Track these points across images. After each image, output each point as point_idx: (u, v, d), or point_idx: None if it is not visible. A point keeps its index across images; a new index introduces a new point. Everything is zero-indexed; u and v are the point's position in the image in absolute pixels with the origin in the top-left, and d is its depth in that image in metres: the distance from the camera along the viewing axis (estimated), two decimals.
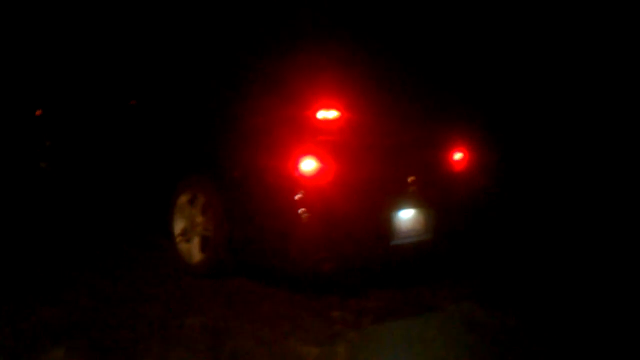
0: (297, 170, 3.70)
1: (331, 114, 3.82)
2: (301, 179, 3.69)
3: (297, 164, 3.70)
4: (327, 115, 3.81)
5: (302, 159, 3.70)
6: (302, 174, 3.69)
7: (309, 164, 3.70)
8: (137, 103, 5.21)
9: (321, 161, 3.71)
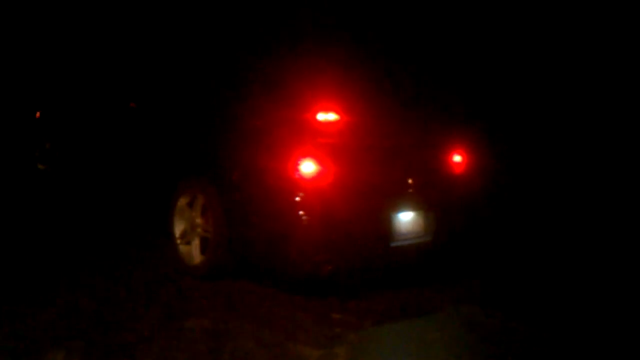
0: (297, 172, 3.70)
1: (331, 117, 3.83)
2: (301, 181, 3.70)
3: (297, 166, 3.70)
4: (327, 117, 3.82)
5: (301, 161, 3.70)
6: (302, 176, 3.70)
7: (308, 166, 3.70)
8: (136, 105, 5.22)
9: (320, 163, 3.72)
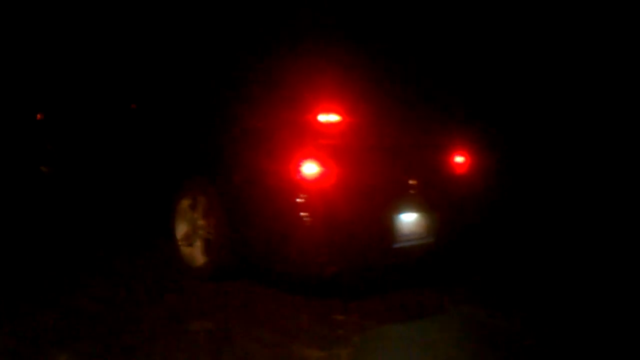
0: (299, 173, 3.70)
1: (332, 118, 3.82)
2: (303, 182, 3.69)
3: (299, 168, 3.70)
4: (329, 118, 3.81)
5: (303, 162, 3.70)
6: (304, 177, 3.69)
7: (310, 167, 3.70)
8: (137, 107, 5.22)
9: (323, 165, 3.72)
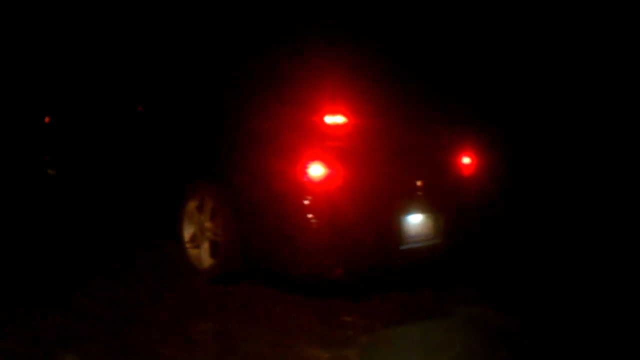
0: (305, 175, 3.70)
1: (339, 119, 3.83)
2: (309, 184, 3.70)
3: (305, 169, 3.70)
4: (335, 120, 3.82)
5: (310, 164, 3.71)
6: (310, 179, 3.70)
7: (317, 169, 3.71)
8: (144, 109, 5.24)
9: (329, 166, 3.72)
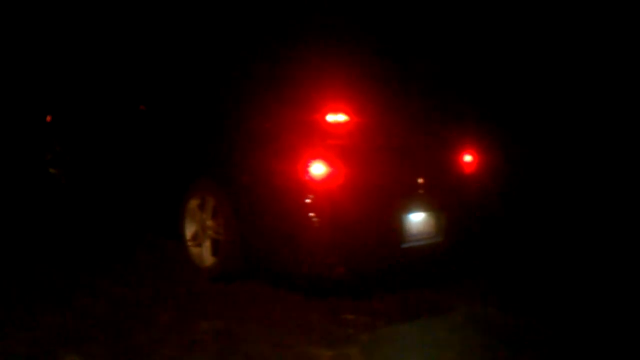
0: (307, 174, 3.70)
1: (340, 118, 3.82)
2: (311, 182, 3.70)
3: (307, 168, 3.70)
4: (337, 118, 3.82)
5: (311, 162, 3.70)
6: (312, 177, 3.70)
7: (318, 167, 3.70)
8: (146, 108, 5.24)
9: (331, 165, 3.72)
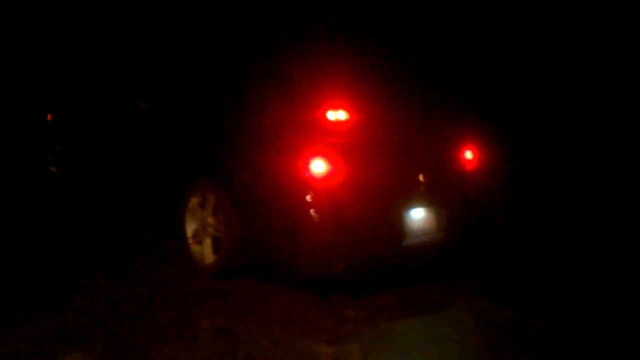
0: (307, 171, 3.70)
1: (340, 115, 3.83)
2: (311, 180, 3.70)
3: (307, 166, 3.70)
4: (337, 116, 3.82)
5: (311, 160, 3.70)
6: (312, 175, 3.70)
7: (318, 165, 3.70)
8: (146, 106, 5.24)
9: (331, 162, 3.72)
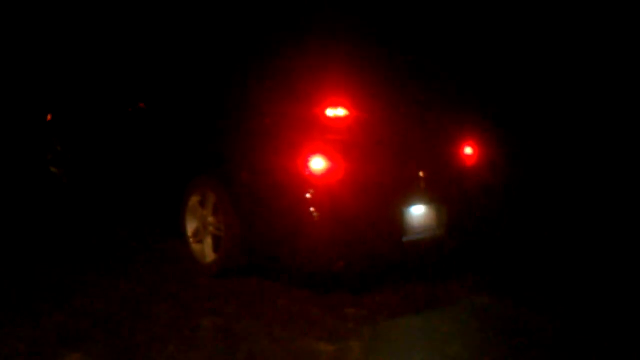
0: (307, 168, 3.70)
1: (340, 112, 3.81)
2: (311, 177, 3.69)
3: (307, 163, 3.70)
4: (336, 113, 3.80)
5: (311, 157, 3.70)
6: (312, 172, 3.69)
7: (318, 162, 3.70)
8: (146, 105, 5.24)
9: (330, 159, 3.71)
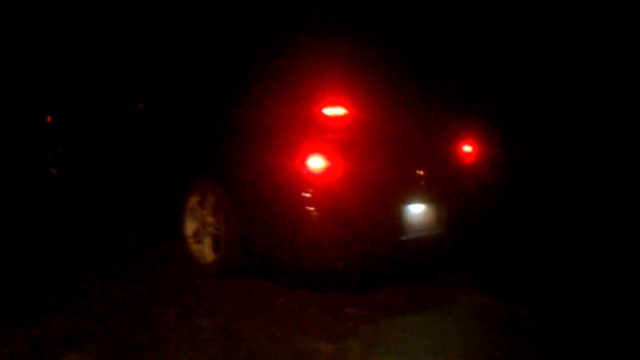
0: (305, 168, 3.69)
1: (338, 111, 3.81)
2: (309, 176, 3.69)
3: (305, 162, 3.69)
4: (335, 112, 3.80)
5: (310, 156, 3.69)
6: (311, 171, 3.69)
7: (317, 161, 3.69)
8: (145, 106, 5.24)
9: (329, 158, 3.71)
